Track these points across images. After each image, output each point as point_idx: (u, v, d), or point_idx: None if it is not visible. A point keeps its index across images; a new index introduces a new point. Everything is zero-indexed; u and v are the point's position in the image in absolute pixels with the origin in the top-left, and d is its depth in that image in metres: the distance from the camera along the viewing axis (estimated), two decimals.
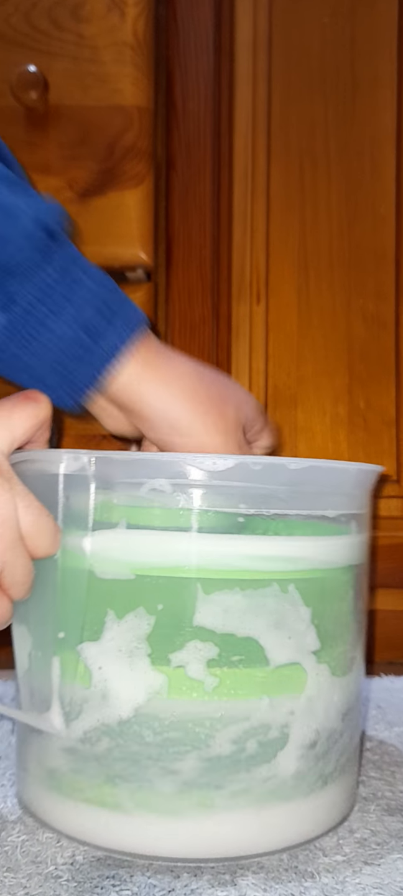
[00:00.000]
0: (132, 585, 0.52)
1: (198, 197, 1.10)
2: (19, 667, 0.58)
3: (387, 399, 1.08)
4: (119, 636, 0.52)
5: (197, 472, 0.52)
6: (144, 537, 0.53)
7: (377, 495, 1.08)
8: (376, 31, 1.10)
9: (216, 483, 0.53)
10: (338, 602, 0.57)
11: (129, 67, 1.03)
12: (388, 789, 0.65)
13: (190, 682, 0.52)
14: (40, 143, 1.04)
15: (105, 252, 1.04)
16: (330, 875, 0.50)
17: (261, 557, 0.53)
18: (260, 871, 0.51)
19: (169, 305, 1.10)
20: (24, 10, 1.04)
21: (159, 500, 0.53)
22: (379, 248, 1.09)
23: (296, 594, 0.54)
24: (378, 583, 1.08)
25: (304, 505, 0.56)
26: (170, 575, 0.52)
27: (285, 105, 1.10)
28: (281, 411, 1.09)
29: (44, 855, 0.53)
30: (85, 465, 0.53)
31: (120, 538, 0.53)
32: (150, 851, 0.53)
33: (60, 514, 0.54)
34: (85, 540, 0.54)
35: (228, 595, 0.52)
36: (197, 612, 0.52)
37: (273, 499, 0.54)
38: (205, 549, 0.53)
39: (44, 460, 0.55)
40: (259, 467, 0.53)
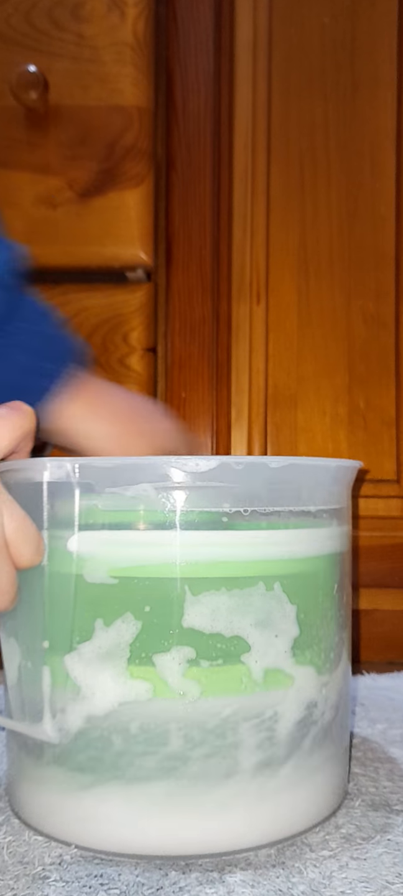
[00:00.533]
0: (118, 589, 0.52)
1: (198, 197, 1.10)
2: (9, 678, 0.58)
3: (387, 399, 1.08)
4: (107, 642, 0.52)
5: (179, 473, 0.52)
6: (129, 540, 0.53)
7: (376, 495, 1.08)
8: (376, 31, 1.09)
9: (199, 484, 0.53)
10: (322, 597, 0.58)
11: (129, 67, 1.04)
12: (372, 785, 0.65)
13: (176, 682, 0.52)
14: (40, 143, 1.04)
15: (105, 252, 1.04)
16: (317, 870, 0.51)
17: (245, 552, 0.53)
18: (247, 868, 0.51)
19: (169, 305, 1.10)
20: (25, 10, 1.04)
21: (143, 503, 0.53)
22: (379, 248, 1.09)
23: (281, 592, 0.54)
24: (377, 582, 1.08)
25: (286, 502, 0.56)
26: (156, 576, 0.52)
27: (285, 105, 1.10)
28: (281, 411, 1.09)
29: (31, 855, 0.53)
30: (69, 472, 0.53)
31: (105, 542, 0.53)
32: (138, 850, 0.53)
33: (45, 521, 0.54)
34: (70, 546, 0.54)
35: (215, 595, 0.52)
36: (185, 614, 0.52)
37: (256, 497, 0.54)
38: (190, 548, 0.53)
39: (27, 469, 0.55)
40: (241, 467, 0.53)
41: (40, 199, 1.04)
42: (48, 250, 1.05)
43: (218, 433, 1.10)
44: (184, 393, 1.10)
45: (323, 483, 0.59)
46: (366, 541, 1.08)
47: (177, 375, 1.10)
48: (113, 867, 0.51)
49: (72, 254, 1.05)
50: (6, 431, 0.55)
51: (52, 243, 1.05)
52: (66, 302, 1.06)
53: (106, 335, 1.06)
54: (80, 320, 1.06)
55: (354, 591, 1.08)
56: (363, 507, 1.08)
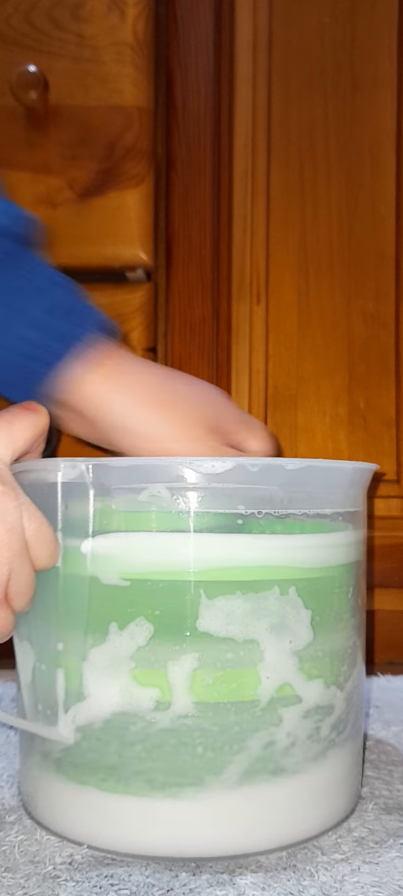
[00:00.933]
0: (131, 592, 0.52)
1: (198, 197, 1.10)
2: (23, 679, 0.58)
3: (387, 399, 1.08)
4: (120, 646, 0.52)
5: (195, 475, 0.52)
6: (144, 541, 0.53)
7: (376, 495, 1.08)
8: (376, 31, 1.09)
9: (214, 485, 0.53)
10: (338, 600, 0.57)
11: (129, 67, 1.03)
12: (385, 788, 0.65)
13: (187, 686, 0.52)
14: (40, 143, 1.04)
15: (105, 252, 1.04)
16: (329, 873, 0.50)
17: (261, 556, 0.53)
18: (258, 871, 0.51)
19: (169, 305, 1.10)
20: (24, 10, 1.04)
21: (158, 504, 0.53)
22: (379, 248, 1.09)
23: (296, 597, 0.54)
24: (377, 583, 1.08)
25: (302, 505, 0.56)
26: (170, 579, 0.52)
27: (285, 105, 1.10)
28: (281, 411, 1.09)
29: (42, 854, 0.53)
30: (83, 473, 0.53)
31: (119, 543, 0.53)
32: (149, 850, 0.53)
33: (60, 522, 0.54)
34: (84, 548, 0.54)
35: (230, 599, 0.52)
36: (200, 617, 0.52)
37: (271, 499, 0.54)
38: (205, 551, 0.53)
39: (41, 469, 0.55)
40: (256, 468, 0.53)
41: (40, 198, 1.04)
42: (48, 250, 1.04)
43: None
44: None
45: (338, 486, 0.59)
46: (367, 541, 1.07)
47: None
48: (123, 868, 0.51)
49: (72, 254, 1.04)
50: (22, 432, 0.55)
51: (52, 243, 1.04)
52: None
53: None
54: None
55: None
56: None
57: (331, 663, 0.56)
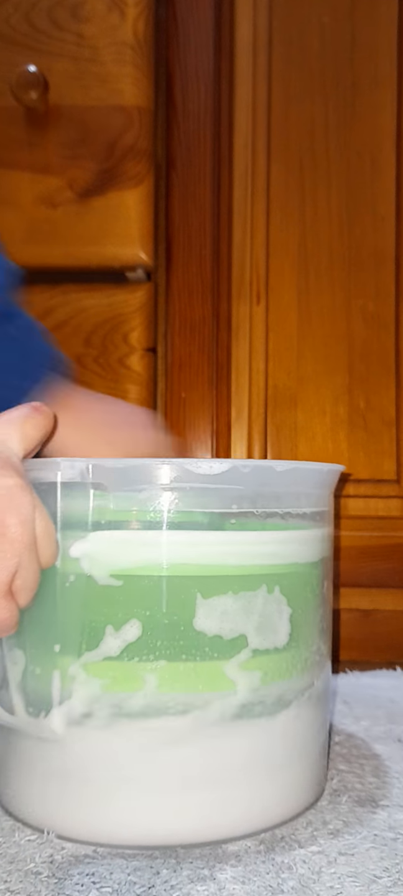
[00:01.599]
0: (127, 588, 0.53)
1: (198, 197, 1.10)
2: (11, 677, 0.58)
3: (387, 399, 1.08)
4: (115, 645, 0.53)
5: (191, 475, 0.53)
6: (141, 541, 0.54)
7: (376, 495, 1.08)
8: (376, 32, 1.09)
9: (210, 486, 0.53)
10: (312, 596, 0.58)
11: (129, 67, 1.04)
12: (358, 781, 0.65)
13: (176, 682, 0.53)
14: (40, 143, 1.04)
15: (105, 252, 1.04)
16: (307, 866, 0.51)
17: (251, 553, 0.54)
18: (238, 865, 0.51)
19: (169, 305, 1.10)
20: (24, 10, 1.04)
21: (153, 504, 0.54)
22: (379, 248, 1.09)
23: (280, 595, 0.55)
24: (378, 583, 1.08)
25: (285, 504, 0.57)
26: (168, 574, 0.53)
27: (285, 105, 1.10)
28: (280, 411, 1.09)
29: (22, 856, 0.53)
30: (82, 473, 0.53)
31: (116, 542, 0.54)
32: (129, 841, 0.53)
33: (59, 521, 0.54)
34: (83, 546, 0.54)
35: (223, 598, 0.53)
36: (196, 616, 0.53)
37: (260, 498, 0.55)
38: (198, 549, 0.53)
39: (40, 469, 0.55)
40: (248, 470, 0.54)
41: (40, 198, 1.04)
42: (48, 250, 1.05)
43: (218, 433, 1.10)
44: (184, 393, 1.09)
45: (315, 486, 0.60)
46: (366, 541, 1.08)
47: (176, 375, 1.10)
48: (104, 866, 0.51)
49: (73, 254, 1.05)
50: (34, 431, 0.56)
51: (52, 243, 1.05)
52: (66, 302, 1.06)
53: (106, 335, 1.06)
54: (80, 320, 1.06)
55: (355, 590, 1.08)
56: (363, 507, 1.08)
57: (302, 655, 0.57)
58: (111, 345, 1.06)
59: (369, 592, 1.08)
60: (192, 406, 1.09)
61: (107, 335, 1.06)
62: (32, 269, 1.05)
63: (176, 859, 0.52)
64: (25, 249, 1.04)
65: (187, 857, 0.52)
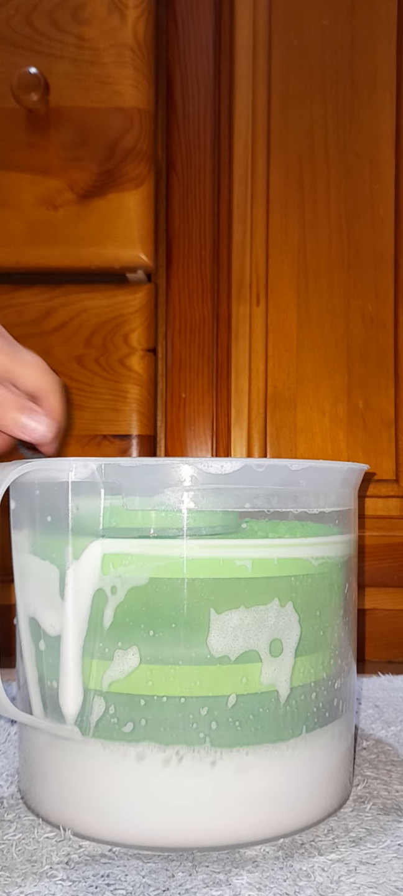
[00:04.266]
0: (146, 591, 0.52)
1: (198, 198, 1.09)
2: (30, 676, 0.57)
3: (386, 399, 1.08)
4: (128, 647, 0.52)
5: (205, 475, 0.52)
6: (154, 543, 0.53)
7: (375, 495, 1.07)
8: (375, 33, 1.09)
9: (223, 486, 0.52)
10: (332, 599, 0.57)
11: (130, 69, 1.03)
12: (384, 788, 0.64)
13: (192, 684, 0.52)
14: (41, 145, 1.03)
15: (105, 253, 1.04)
16: (325, 874, 0.50)
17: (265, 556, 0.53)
18: (254, 871, 0.50)
19: (169, 306, 1.09)
20: (25, 12, 1.03)
21: (167, 504, 0.53)
22: (378, 249, 1.08)
23: (293, 611, 0.54)
24: (377, 582, 1.07)
25: (302, 504, 0.56)
26: (180, 577, 0.52)
27: (285, 106, 1.10)
28: (280, 411, 1.09)
29: (39, 854, 0.52)
30: (94, 472, 0.53)
31: (129, 545, 0.53)
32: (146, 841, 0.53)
33: (70, 522, 0.53)
34: (95, 546, 0.53)
35: (235, 613, 0.52)
36: (210, 633, 0.52)
37: (273, 498, 0.54)
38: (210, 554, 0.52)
39: (52, 468, 0.54)
40: (262, 469, 0.53)
41: (41, 200, 1.03)
42: (49, 251, 1.04)
43: (218, 433, 1.09)
44: (184, 393, 1.09)
45: (333, 485, 0.58)
46: (366, 540, 1.07)
47: (177, 376, 1.09)
48: (120, 868, 0.51)
49: (73, 255, 1.04)
50: (48, 431, 0.56)
51: (53, 244, 1.04)
52: (67, 303, 1.06)
53: (106, 336, 1.05)
54: (81, 321, 1.05)
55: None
56: (362, 507, 1.08)
57: (319, 662, 0.56)
58: (111, 345, 1.05)
59: (368, 591, 1.08)
60: (192, 406, 1.09)
61: (108, 336, 1.05)
62: (33, 270, 1.05)
63: (192, 862, 0.51)
64: (26, 250, 1.04)
65: (204, 861, 0.51)
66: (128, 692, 0.52)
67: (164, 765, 0.52)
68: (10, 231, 1.03)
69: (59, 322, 1.05)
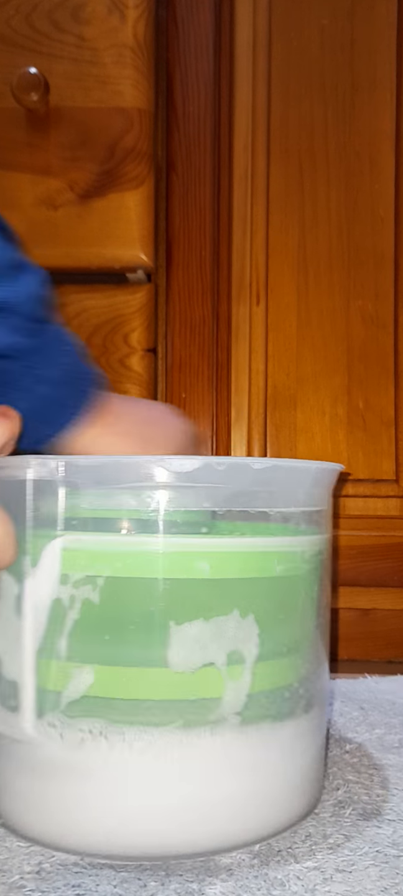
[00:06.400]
0: (104, 590, 0.49)
1: (198, 198, 1.07)
2: None
3: (386, 399, 1.05)
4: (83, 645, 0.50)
5: (164, 473, 0.49)
6: (114, 541, 0.50)
7: (375, 495, 1.05)
8: (375, 33, 1.06)
9: (184, 484, 0.50)
10: (297, 604, 0.54)
11: (130, 69, 1.01)
12: (365, 793, 0.60)
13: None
14: (41, 145, 1.01)
15: (105, 253, 1.02)
16: (301, 882, 0.47)
17: (226, 554, 0.50)
18: (228, 879, 0.47)
19: (169, 306, 1.07)
20: (25, 11, 1.01)
21: (127, 503, 0.50)
22: (378, 249, 1.06)
23: (253, 622, 0.51)
24: (377, 582, 1.05)
25: (269, 504, 0.53)
26: (139, 576, 0.49)
27: (284, 106, 1.07)
28: (280, 412, 1.06)
29: (10, 863, 0.50)
30: (53, 471, 0.50)
31: (89, 542, 0.50)
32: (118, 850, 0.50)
33: (29, 520, 0.51)
34: (55, 545, 0.50)
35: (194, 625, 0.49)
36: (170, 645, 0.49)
37: (239, 497, 0.52)
38: (170, 552, 0.50)
39: (11, 466, 0.52)
40: (223, 467, 0.50)
41: (41, 200, 1.01)
42: (49, 251, 1.02)
43: (218, 433, 1.07)
44: (184, 393, 1.07)
45: (303, 486, 0.56)
46: (366, 540, 1.05)
47: (177, 376, 1.07)
48: (92, 877, 0.48)
49: (73, 255, 1.02)
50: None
51: (53, 245, 1.02)
52: (67, 303, 1.04)
53: (106, 336, 1.03)
54: (81, 321, 1.03)
55: (353, 589, 1.05)
56: (362, 507, 1.06)
57: (290, 664, 0.53)
58: (112, 345, 1.03)
59: (368, 591, 1.05)
60: (192, 406, 1.07)
61: (108, 336, 1.03)
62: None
63: (165, 871, 0.48)
64: (26, 250, 1.01)
65: (177, 870, 0.49)
66: (95, 693, 0.50)
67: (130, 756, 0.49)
68: None
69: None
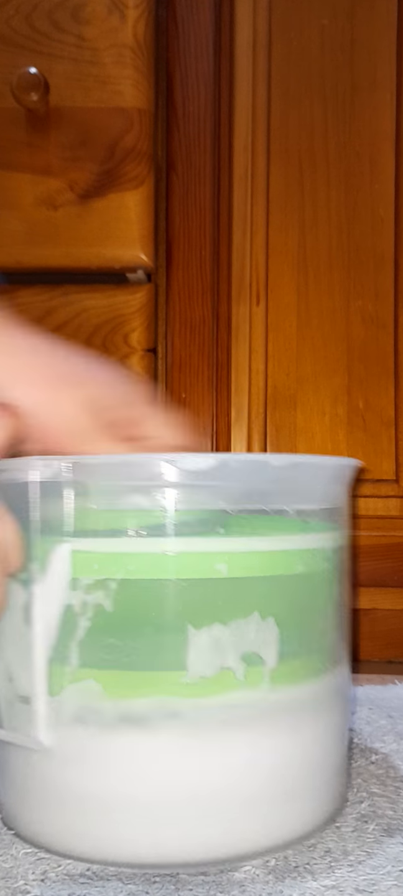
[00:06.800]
0: (117, 594, 0.48)
1: (198, 198, 1.06)
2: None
3: (386, 399, 1.05)
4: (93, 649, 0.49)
5: (177, 472, 0.48)
6: (127, 542, 0.49)
7: (375, 495, 1.04)
8: (375, 33, 1.06)
9: (198, 483, 0.49)
10: (318, 600, 0.54)
11: (130, 69, 1.00)
12: (390, 808, 0.58)
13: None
14: (41, 145, 1.00)
15: (105, 253, 1.01)
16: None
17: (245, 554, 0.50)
18: (242, 894, 0.46)
19: (169, 306, 1.07)
20: (25, 11, 1.00)
21: (139, 503, 0.49)
22: (378, 249, 1.05)
23: (274, 624, 0.50)
24: (377, 582, 1.05)
25: (287, 501, 0.52)
26: (155, 577, 0.48)
27: (284, 106, 1.07)
28: (280, 412, 1.06)
29: (16, 871, 0.49)
30: (59, 472, 0.49)
31: (100, 544, 0.49)
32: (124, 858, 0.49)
33: (36, 524, 0.50)
34: (64, 548, 0.49)
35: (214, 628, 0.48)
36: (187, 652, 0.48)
37: (255, 495, 0.51)
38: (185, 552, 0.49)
39: (15, 468, 0.50)
40: (239, 465, 0.49)
41: (41, 200, 1.00)
42: (49, 251, 1.01)
43: (218, 433, 1.07)
44: (184, 393, 1.06)
45: (321, 482, 0.55)
46: (366, 540, 1.04)
47: (177, 376, 1.06)
48: (97, 887, 0.47)
49: (73, 255, 1.01)
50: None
51: (53, 244, 1.01)
52: (67, 303, 1.03)
53: (106, 336, 1.03)
54: (81, 321, 1.03)
55: (354, 589, 1.05)
56: (362, 507, 1.05)
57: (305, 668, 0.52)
58: (112, 345, 1.03)
59: (368, 591, 1.05)
60: (192, 406, 1.06)
61: (108, 336, 1.03)
62: (33, 270, 1.02)
63: (175, 885, 0.47)
64: (26, 250, 1.01)
65: (188, 885, 0.47)
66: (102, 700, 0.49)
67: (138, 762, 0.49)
68: (10, 231, 1.00)
69: (59, 322, 1.03)
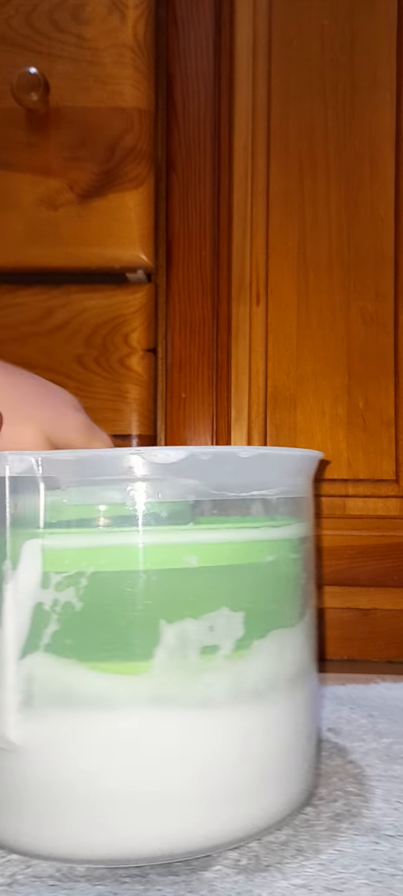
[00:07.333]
0: (89, 588, 0.48)
1: (198, 198, 1.06)
2: None
3: (386, 399, 1.04)
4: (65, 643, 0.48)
5: (148, 465, 0.48)
6: (98, 536, 0.49)
7: (375, 495, 1.04)
8: (375, 33, 1.05)
9: (168, 476, 0.48)
10: (284, 591, 0.53)
11: (130, 69, 1.00)
12: (365, 806, 0.57)
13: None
14: (41, 145, 1.00)
15: (105, 253, 1.01)
16: None
17: (215, 545, 0.49)
18: (211, 893, 0.45)
19: (169, 306, 1.06)
20: (25, 12, 1.00)
21: (111, 497, 0.49)
22: (378, 249, 1.05)
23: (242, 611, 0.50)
24: (377, 582, 1.04)
25: (255, 492, 0.52)
26: (126, 569, 0.48)
27: (284, 106, 1.06)
28: (280, 411, 1.05)
29: None
30: (31, 467, 0.48)
31: (72, 539, 0.49)
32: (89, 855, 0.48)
33: (8, 518, 0.49)
34: (36, 543, 0.49)
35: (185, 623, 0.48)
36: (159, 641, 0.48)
37: (224, 487, 0.50)
38: (157, 545, 0.48)
39: None
40: (208, 457, 0.49)
41: (41, 200, 1.00)
42: (49, 251, 1.01)
43: (218, 433, 1.06)
44: (184, 393, 1.06)
45: (287, 474, 0.54)
46: (366, 540, 1.04)
47: (177, 376, 1.06)
48: (66, 889, 0.46)
49: (73, 255, 1.01)
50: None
51: (53, 244, 1.01)
52: (67, 303, 1.02)
53: (106, 336, 1.02)
54: (81, 321, 1.02)
55: (353, 588, 1.04)
56: (362, 507, 1.04)
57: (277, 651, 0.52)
58: (111, 345, 1.02)
59: (368, 591, 1.04)
60: (192, 406, 1.06)
61: (108, 336, 1.02)
62: (33, 270, 1.02)
63: (144, 886, 0.46)
64: (26, 250, 1.01)
65: (156, 884, 0.46)
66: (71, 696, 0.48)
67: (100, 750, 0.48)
68: (10, 231, 1.00)
69: (59, 322, 1.02)
